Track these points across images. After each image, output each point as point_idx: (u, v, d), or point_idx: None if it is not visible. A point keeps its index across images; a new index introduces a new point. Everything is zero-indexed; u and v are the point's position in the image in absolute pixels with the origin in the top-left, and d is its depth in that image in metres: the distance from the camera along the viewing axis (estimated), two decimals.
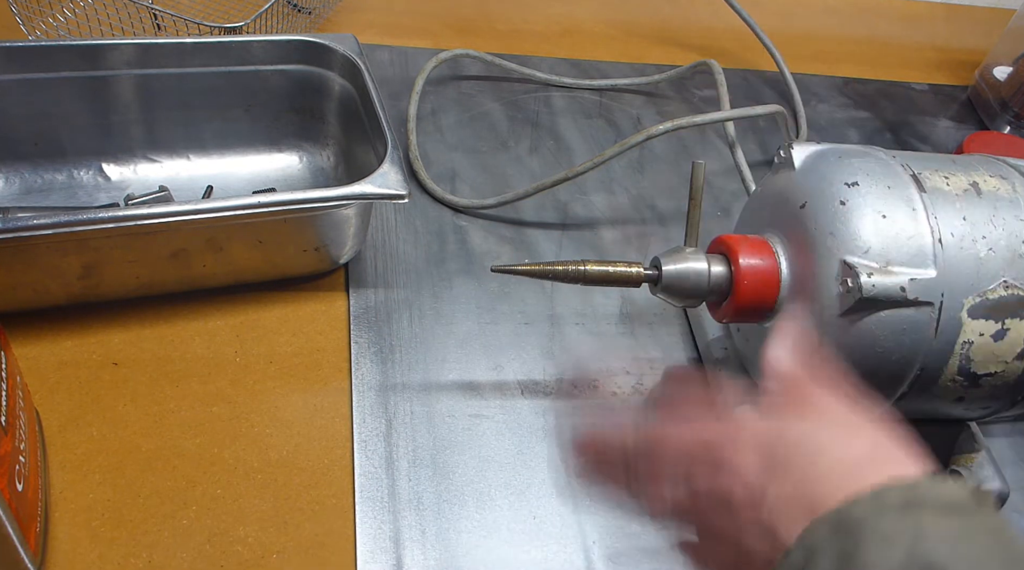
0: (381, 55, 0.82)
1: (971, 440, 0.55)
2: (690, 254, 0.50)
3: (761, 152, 0.81)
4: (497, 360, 0.58)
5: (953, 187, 0.48)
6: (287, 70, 0.64)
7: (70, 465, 0.48)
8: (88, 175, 0.63)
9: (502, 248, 0.66)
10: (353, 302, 0.59)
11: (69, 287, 0.53)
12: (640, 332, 0.62)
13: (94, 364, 0.53)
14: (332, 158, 0.67)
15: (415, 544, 0.48)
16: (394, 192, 0.54)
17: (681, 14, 1.00)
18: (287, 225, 0.55)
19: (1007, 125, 0.91)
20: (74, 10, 0.73)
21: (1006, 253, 0.46)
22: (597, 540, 0.50)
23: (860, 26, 1.06)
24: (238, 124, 0.65)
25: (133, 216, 0.49)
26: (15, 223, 0.47)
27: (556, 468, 0.53)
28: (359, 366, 0.56)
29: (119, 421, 0.51)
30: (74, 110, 0.60)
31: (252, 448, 0.51)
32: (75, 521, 0.46)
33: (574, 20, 0.94)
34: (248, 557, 0.46)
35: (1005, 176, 0.50)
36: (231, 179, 0.65)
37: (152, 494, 0.48)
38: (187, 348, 0.55)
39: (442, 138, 0.75)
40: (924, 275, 0.45)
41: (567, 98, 0.83)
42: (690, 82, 0.87)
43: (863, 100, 0.92)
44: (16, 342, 0.52)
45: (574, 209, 0.71)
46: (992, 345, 0.46)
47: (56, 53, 0.58)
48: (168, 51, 0.60)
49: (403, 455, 0.52)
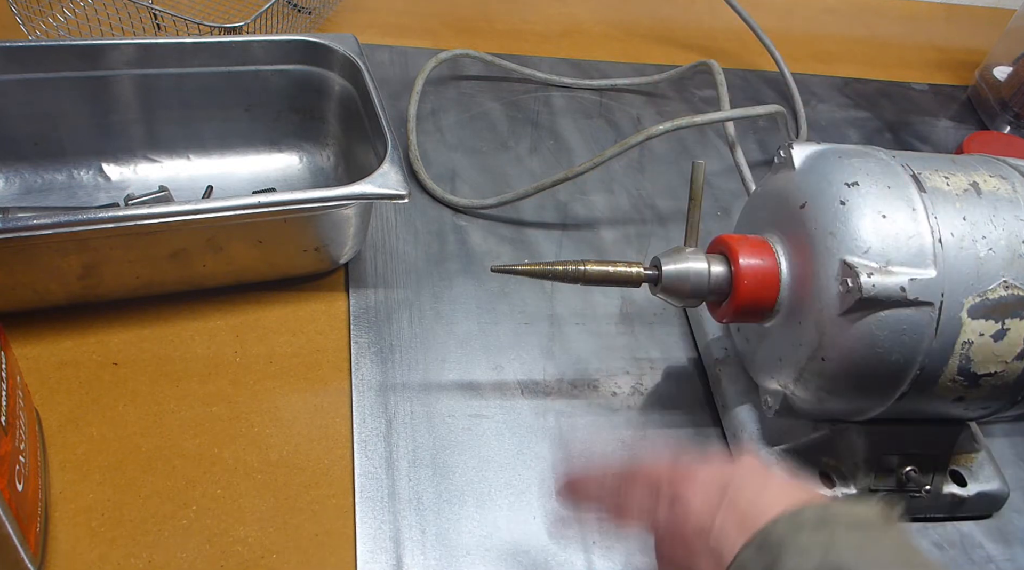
0: (381, 55, 0.82)
1: (971, 440, 0.56)
2: (690, 254, 0.50)
3: (761, 152, 0.81)
4: (497, 360, 0.58)
5: (953, 187, 0.48)
6: (287, 70, 0.64)
7: (70, 465, 0.48)
8: (88, 175, 0.63)
9: (502, 248, 0.66)
10: (353, 302, 0.59)
11: (69, 287, 0.53)
12: (640, 332, 0.62)
13: (94, 364, 0.53)
14: (332, 158, 0.67)
15: (415, 544, 0.48)
16: (394, 192, 0.54)
17: (681, 14, 1.00)
18: (287, 225, 0.55)
19: (1007, 125, 0.91)
20: (74, 10, 0.73)
21: (1006, 253, 0.46)
22: (597, 540, 0.50)
23: (860, 26, 1.06)
24: (238, 124, 0.65)
25: (133, 216, 0.49)
26: (15, 223, 0.47)
27: (556, 468, 0.53)
28: (359, 366, 0.56)
29: (119, 421, 0.51)
30: (74, 110, 0.60)
31: (252, 448, 0.51)
32: (75, 521, 0.46)
33: (574, 20, 0.94)
34: (248, 557, 0.46)
35: (1005, 176, 0.50)
36: (231, 179, 0.65)
37: (152, 494, 0.48)
38: (187, 348, 0.55)
39: (442, 138, 0.75)
40: (924, 275, 0.45)
41: (567, 98, 0.83)
42: (690, 82, 0.87)
43: (863, 100, 0.92)
44: (16, 342, 0.52)
45: (574, 209, 0.71)
46: (992, 345, 0.46)
47: (56, 53, 0.58)
48: (168, 51, 0.60)
49: (403, 455, 0.52)
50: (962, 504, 0.54)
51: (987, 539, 0.55)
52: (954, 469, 0.55)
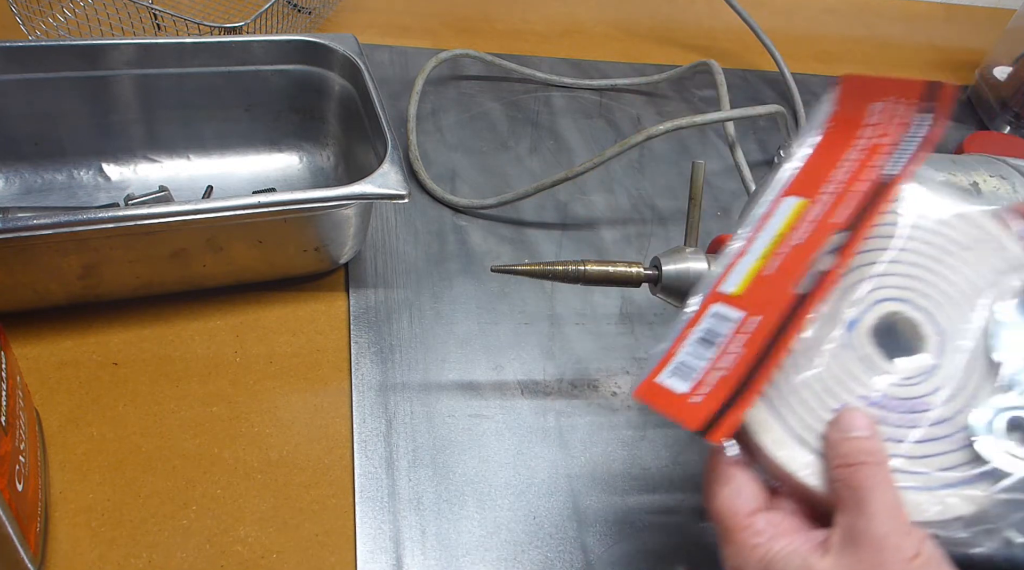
0: (381, 55, 0.82)
1: None
2: (690, 254, 0.50)
3: (761, 152, 0.81)
4: (497, 360, 0.58)
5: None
6: (287, 70, 0.64)
7: (70, 465, 0.48)
8: (88, 175, 0.63)
9: (502, 248, 0.66)
10: (353, 302, 0.59)
11: (69, 287, 0.53)
12: (640, 332, 0.62)
13: (94, 364, 0.53)
14: (332, 158, 0.67)
15: (415, 544, 0.48)
16: (394, 192, 0.54)
17: (681, 14, 1.00)
18: (287, 225, 0.55)
19: (1007, 125, 0.91)
20: (74, 10, 0.73)
21: None
22: (597, 540, 0.50)
23: (860, 26, 1.06)
24: (238, 124, 0.65)
25: (133, 216, 0.49)
26: (15, 223, 0.47)
27: (556, 468, 0.53)
28: (359, 366, 0.56)
29: (119, 421, 0.51)
30: (74, 110, 0.60)
31: (252, 448, 0.51)
32: (75, 521, 0.46)
33: (574, 20, 0.94)
34: (248, 557, 0.46)
35: (1005, 176, 0.50)
36: (231, 179, 0.65)
37: (152, 494, 0.48)
38: (187, 348, 0.55)
39: (442, 138, 0.75)
40: None
41: (567, 98, 0.83)
42: (690, 82, 0.87)
43: None
44: (16, 342, 0.52)
45: (574, 209, 0.71)
46: None
47: (56, 53, 0.58)
48: (168, 51, 0.60)
49: (403, 455, 0.52)
50: None
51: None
52: None
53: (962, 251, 0.37)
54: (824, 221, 0.36)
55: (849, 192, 0.36)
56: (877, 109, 0.38)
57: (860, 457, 0.32)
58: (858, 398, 0.34)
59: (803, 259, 0.35)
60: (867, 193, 0.36)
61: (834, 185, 0.37)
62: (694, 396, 0.34)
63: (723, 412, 0.34)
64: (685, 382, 0.35)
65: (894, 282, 0.36)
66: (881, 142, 0.37)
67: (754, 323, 0.35)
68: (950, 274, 0.36)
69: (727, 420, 0.33)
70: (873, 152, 0.37)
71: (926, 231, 0.37)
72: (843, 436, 0.33)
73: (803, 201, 0.37)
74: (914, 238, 0.37)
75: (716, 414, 0.34)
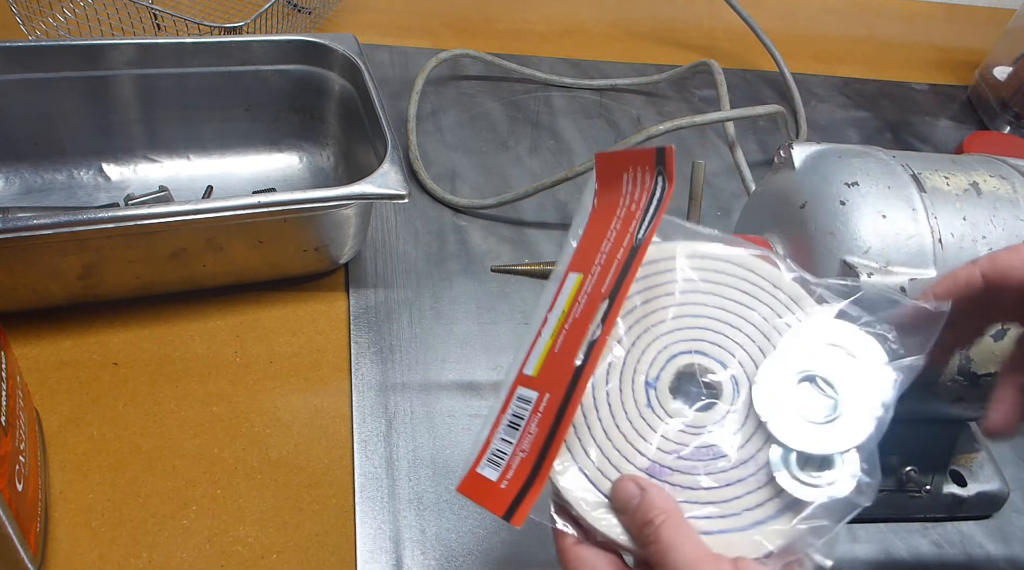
0: (381, 55, 0.82)
1: (971, 440, 0.55)
2: None
3: (761, 152, 0.81)
4: (497, 360, 0.58)
5: (953, 187, 0.48)
6: (287, 70, 0.64)
7: (70, 465, 0.48)
8: (88, 175, 0.63)
9: (502, 248, 0.66)
10: (353, 302, 0.59)
11: (69, 287, 0.53)
12: None
13: (94, 364, 0.53)
14: (332, 158, 0.67)
15: (415, 544, 0.48)
16: (394, 192, 0.54)
17: (681, 14, 1.00)
18: (287, 225, 0.55)
19: (1007, 125, 0.91)
20: (74, 10, 0.73)
21: None
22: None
23: (860, 26, 1.06)
24: (238, 124, 0.65)
25: (133, 216, 0.49)
26: (15, 223, 0.47)
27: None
28: (359, 366, 0.56)
29: (119, 421, 0.51)
30: (74, 110, 0.60)
31: (252, 448, 0.51)
32: (75, 521, 0.46)
33: (574, 20, 0.94)
34: (248, 557, 0.46)
35: (1005, 176, 0.50)
36: (231, 179, 0.65)
37: (152, 494, 0.48)
38: (187, 348, 0.55)
39: (442, 138, 0.75)
40: (924, 275, 0.45)
41: (567, 98, 0.83)
42: (690, 82, 0.87)
43: (863, 100, 0.92)
44: (16, 342, 0.52)
45: (574, 209, 0.71)
46: (992, 345, 0.46)
47: (56, 53, 0.58)
48: (168, 51, 0.60)
49: (403, 455, 0.52)
50: (962, 504, 0.54)
51: (987, 539, 0.55)
52: (954, 469, 0.55)
53: (740, 296, 0.38)
54: (595, 292, 0.37)
55: (614, 261, 0.37)
56: (628, 179, 0.39)
57: (650, 515, 0.33)
58: (666, 454, 0.35)
59: (581, 332, 0.36)
60: (622, 260, 0.37)
61: (602, 256, 0.38)
62: (503, 482, 0.35)
63: (523, 494, 0.34)
64: (497, 470, 0.36)
65: (683, 336, 0.37)
66: (632, 210, 0.39)
67: (545, 402, 0.35)
68: (732, 320, 0.37)
69: (525, 501, 0.34)
70: (628, 220, 0.39)
71: (701, 282, 0.38)
72: (623, 506, 0.34)
73: (580, 276, 0.38)
74: (693, 291, 0.38)
75: (516, 497, 0.34)
